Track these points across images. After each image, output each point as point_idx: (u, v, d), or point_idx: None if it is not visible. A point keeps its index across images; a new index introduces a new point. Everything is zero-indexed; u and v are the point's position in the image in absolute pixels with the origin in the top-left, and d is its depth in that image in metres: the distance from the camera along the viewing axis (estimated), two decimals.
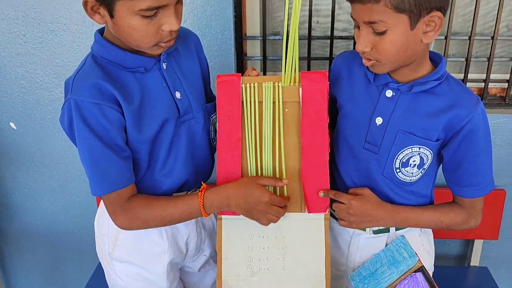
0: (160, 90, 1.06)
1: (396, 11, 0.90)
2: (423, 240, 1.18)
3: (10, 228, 2.00)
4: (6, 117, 1.78)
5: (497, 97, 1.71)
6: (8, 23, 1.64)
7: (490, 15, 1.64)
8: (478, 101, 1.02)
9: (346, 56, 1.16)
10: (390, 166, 1.06)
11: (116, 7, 0.92)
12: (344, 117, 1.12)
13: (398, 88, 1.04)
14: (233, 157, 1.09)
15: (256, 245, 1.12)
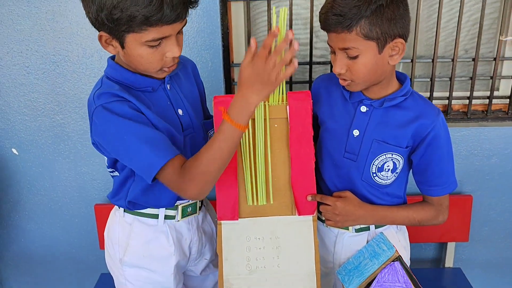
0: (166, 107, 1.20)
1: (366, 39, 1.07)
2: (399, 237, 1.33)
3: (9, 250, 2.08)
4: (9, 143, 1.89)
5: (460, 112, 1.90)
6: (13, 56, 1.77)
7: (450, 40, 1.85)
8: (439, 113, 1.20)
9: (324, 79, 1.34)
10: (367, 171, 1.23)
11: (126, 39, 1.07)
12: (325, 131, 1.29)
13: (371, 104, 1.21)
14: (230, 168, 1.21)
15: (252, 246, 1.24)
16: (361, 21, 1.05)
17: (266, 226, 1.24)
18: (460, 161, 1.86)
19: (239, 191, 1.24)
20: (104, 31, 1.07)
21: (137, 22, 1.02)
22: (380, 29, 1.07)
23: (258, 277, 1.24)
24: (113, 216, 1.35)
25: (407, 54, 1.83)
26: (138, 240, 1.29)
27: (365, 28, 1.06)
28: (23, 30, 1.74)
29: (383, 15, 1.06)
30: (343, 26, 1.06)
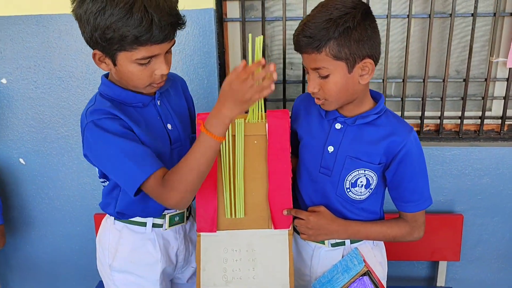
0: (155, 122, 1.27)
1: (335, 59, 1.13)
2: (375, 252, 1.35)
3: (15, 256, 2.17)
4: (16, 153, 1.99)
5: (452, 132, 1.92)
6: (22, 72, 1.88)
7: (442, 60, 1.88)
8: (411, 130, 1.23)
9: (304, 97, 1.39)
10: (341, 186, 1.27)
11: (118, 57, 1.14)
12: (303, 147, 1.34)
13: (345, 121, 1.25)
14: (210, 180, 1.28)
15: (229, 258, 1.29)
16: (329, 42, 1.10)
17: (243, 239, 1.29)
18: (451, 180, 1.87)
19: (218, 204, 1.29)
20: (98, 49, 1.15)
21: (128, 42, 1.09)
22: (348, 49, 1.12)
23: (233, 287, 1.28)
24: (104, 223, 1.42)
25: (398, 74, 1.89)
26: (126, 246, 1.35)
27: (334, 49, 1.11)
28: (32, 48, 1.85)
29: (350, 37, 1.11)
30: (313, 47, 1.12)
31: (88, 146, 1.21)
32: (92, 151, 1.21)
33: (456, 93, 1.93)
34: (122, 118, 1.19)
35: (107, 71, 1.21)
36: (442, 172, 1.87)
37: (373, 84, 1.90)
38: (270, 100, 1.93)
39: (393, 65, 1.91)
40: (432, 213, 1.90)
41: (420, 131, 1.89)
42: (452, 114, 1.92)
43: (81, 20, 1.12)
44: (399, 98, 1.88)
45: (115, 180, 1.24)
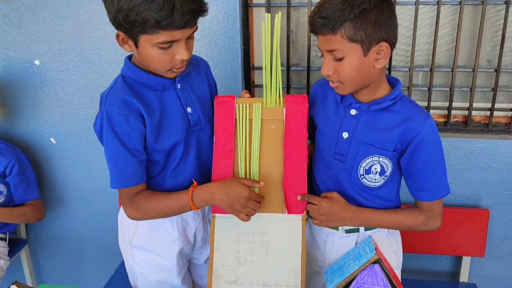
0: (175, 105, 1.30)
1: (350, 41, 1.11)
2: (390, 241, 1.34)
3: (45, 232, 2.27)
4: (48, 133, 2.07)
5: (481, 124, 1.86)
6: (54, 54, 1.94)
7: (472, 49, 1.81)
8: (428, 117, 1.19)
9: (321, 83, 1.37)
10: (355, 173, 1.25)
11: (140, 40, 1.17)
12: (319, 133, 1.33)
13: (360, 107, 1.23)
14: (226, 164, 1.29)
15: (243, 240, 1.31)
16: (345, 23, 1.09)
17: (257, 222, 1.29)
18: (478, 173, 1.82)
19: None
20: (121, 30, 1.18)
21: (150, 25, 1.11)
22: (364, 32, 1.10)
23: (245, 269, 1.30)
24: None
25: (425, 62, 1.84)
26: (145, 225, 1.39)
27: (349, 30, 1.10)
28: (63, 30, 1.90)
29: (366, 19, 1.09)
30: (328, 28, 1.11)
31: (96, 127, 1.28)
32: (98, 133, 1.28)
33: (486, 83, 1.86)
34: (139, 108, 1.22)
35: (130, 52, 1.24)
36: (469, 165, 1.81)
37: (399, 72, 1.86)
38: (294, 87, 1.92)
39: (421, 54, 1.85)
40: (457, 207, 1.86)
41: (447, 122, 1.84)
42: (482, 105, 1.86)
43: (106, 1, 1.15)
44: (426, 88, 1.83)
45: None
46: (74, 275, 2.34)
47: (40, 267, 2.35)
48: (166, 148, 1.29)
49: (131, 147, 1.23)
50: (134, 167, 1.25)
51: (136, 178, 1.27)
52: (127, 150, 1.23)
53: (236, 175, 1.30)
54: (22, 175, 1.95)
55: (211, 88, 1.45)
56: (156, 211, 1.29)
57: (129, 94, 1.23)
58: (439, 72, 1.84)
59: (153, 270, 1.42)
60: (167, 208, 1.28)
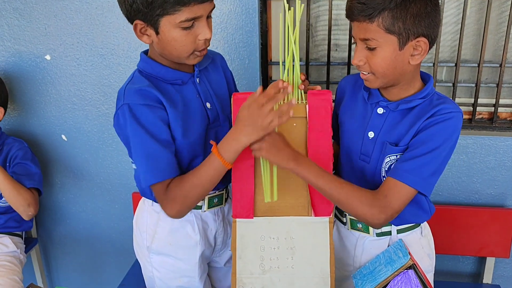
0: (194, 100, 1.24)
1: (387, 31, 1.05)
2: (423, 243, 1.28)
3: (56, 231, 2.22)
4: (59, 129, 2.02)
5: (507, 121, 1.80)
6: (65, 48, 1.89)
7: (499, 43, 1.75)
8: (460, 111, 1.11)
9: (350, 79, 1.31)
10: (379, 173, 1.19)
11: (160, 24, 1.11)
12: (345, 131, 1.27)
13: (387, 106, 1.17)
14: (247, 165, 1.22)
15: (267, 246, 1.24)
16: (383, 12, 1.03)
17: (281, 226, 1.24)
18: (504, 172, 1.76)
19: (255, 189, 1.23)
20: (139, 18, 1.12)
21: (171, 3, 1.07)
22: (403, 24, 1.04)
23: (271, 277, 1.24)
24: (142, 204, 1.41)
25: (450, 57, 1.78)
26: (165, 229, 1.33)
27: (387, 20, 1.04)
28: (75, 24, 1.85)
29: (407, 10, 1.03)
30: (365, 15, 1.04)
31: (118, 126, 1.21)
32: (122, 132, 1.21)
33: None
34: (159, 97, 1.17)
35: (148, 43, 1.19)
36: (494, 164, 1.75)
37: (423, 68, 1.79)
38: (313, 82, 1.86)
39: (446, 48, 1.79)
40: (482, 207, 1.80)
41: (472, 119, 1.78)
42: (508, 101, 1.79)
43: None
44: (450, 84, 1.77)
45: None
46: (85, 275, 2.30)
47: (51, 266, 2.31)
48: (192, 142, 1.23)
49: (161, 138, 1.17)
50: (168, 158, 1.18)
51: (172, 170, 1.18)
52: (157, 141, 1.16)
53: (258, 175, 1.23)
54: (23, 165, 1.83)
55: (229, 82, 1.39)
56: (193, 190, 1.16)
57: (148, 85, 1.18)
58: (464, 68, 1.78)
59: (173, 275, 1.36)
60: (201, 180, 1.15)
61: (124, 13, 1.16)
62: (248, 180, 1.23)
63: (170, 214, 1.20)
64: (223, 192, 1.37)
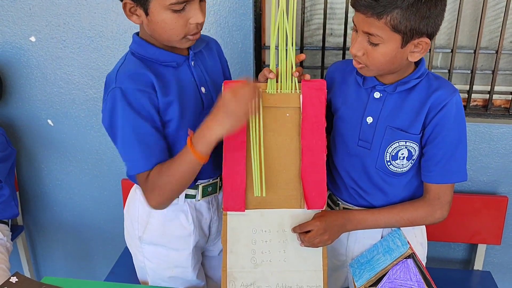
0: (189, 83, 1.20)
1: (393, 30, 1.02)
2: (416, 232, 1.27)
3: (42, 218, 2.17)
4: (45, 114, 1.96)
5: (502, 108, 1.79)
6: (51, 30, 1.82)
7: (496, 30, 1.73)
8: (454, 93, 1.12)
9: (339, 65, 1.29)
10: (381, 159, 1.18)
11: (150, 5, 1.07)
12: (339, 119, 1.24)
13: (384, 90, 1.16)
14: (238, 157, 1.18)
15: (259, 239, 1.21)
16: (394, 11, 1.00)
17: (274, 219, 1.21)
18: (497, 159, 1.76)
19: (247, 181, 1.20)
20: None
21: None
22: (410, 24, 1.01)
23: (263, 271, 1.22)
24: (133, 193, 1.36)
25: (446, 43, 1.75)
26: (158, 219, 1.30)
27: (396, 19, 1.01)
28: (61, 4, 1.77)
29: (418, 11, 1.00)
30: (374, 11, 1.01)
31: (105, 110, 1.14)
32: (107, 117, 1.14)
33: (509, 66, 1.78)
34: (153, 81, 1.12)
35: (138, 23, 1.14)
36: (488, 151, 1.75)
37: None
38: (307, 67, 1.82)
39: (442, 35, 1.77)
40: (474, 194, 1.80)
41: (466, 106, 1.76)
42: (503, 89, 1.79)
43: None
44: (445, 70, 1.75)
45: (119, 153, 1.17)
46: (73, 264, 2.25)
47: (37, 254, 2.26)
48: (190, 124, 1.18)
49: (155, 123, 1.13)
50: (161, 143, 1.14)
51: (163, 154, 1.14)
52: (152, 127, 1.12)
53: (249, 168, 1.19)
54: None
55: (223, 68, 1.36)
56: (169, 184, 1.12)
57: (142, 68, 1.13)
58: (459, 54, 1.76)
59: (166, 266, 1.33)
60: (176, 175, 1.11)
61: None
62: (239, 172, 1.19)
63: (151, 205, 1.17)
64: (217, 180, 1.33)
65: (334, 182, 1.29)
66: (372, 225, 1.21)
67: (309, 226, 1.17)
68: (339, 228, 1.19)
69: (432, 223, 1.20)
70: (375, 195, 1.23)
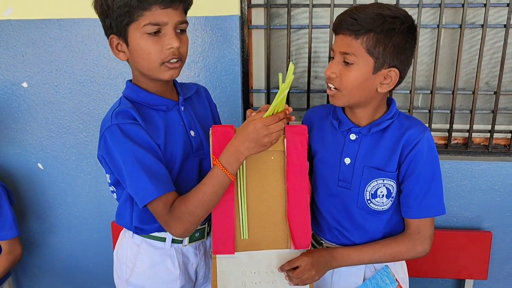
0: (178, 127, 1.24)
1: (367, 52, 1.10)
2: (397, 269, 1.30)
3: (30, 262, 2.15)
4: (35, 158, 1.97)
5: (481, 146, 1.86)
6: (43, 76, 1.86)
7: (472, 71, 1.82)
8: (425, 131, 1.18)
9: (315, 110, 1.36)
10: (362, 198, 1.22)
11: (129, 33, 1.13)
12: (319, 161, 1.30)
13: (360, 131, 1.22)
14: (227, 199, 1.20)
15: (248, 281, 1.23)
16: (370, 33, 1.09)
17: (262, 260, 1.23)
18: (480, 196, 1.81)
19: (235, 224, 1.22)
20: (113, 33, 1.15)
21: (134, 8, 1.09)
22: (383, 50, 1.10)
23: None
24: (122, 236, 1.38)
25: (426, 85, 1.83)
26: (145, 262, 1.31)
27: (371, 42, 1.09)
28: (54, 52, 1.83)
29: (391, 38, 1.09)
30: (353, 29, 1.10)
31: (106, 149, 1.17)
32: (109, 155, 1.17)
33: (486, 106, 1.87)
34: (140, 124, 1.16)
35: (124, 60, 1.20)
36: (470, 187, 1.81)
37: (400, 95, 1.85)
38: (294, 109, 1.88)
39: (421, 76, 1.85)
40: (460, 230, 1.84)
41: (448, 144, 1.83)
42: (482, 127, 1.86)
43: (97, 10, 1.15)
44: (426, 110, 1.83)
45: (127, 189, 1.19)
46: None
47: None
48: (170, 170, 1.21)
49: (156, 153, 1.16)
50: (166, 172, 1.16)
51: (171, 183, 1.17)
52: (154, 156, 1.15)
53: (237, 210, 1.22)
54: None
55: (213, 114, 1.42)
56: (200, 206, 1.14)
57: (136, 113, 1.17)
58: (439, 95, 1.83)
59: None
60: (207, 194, 1.14)
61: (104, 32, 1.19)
62: (228, 215, 1.22)
63: (176, 233, 1.16)
64: (205, 226, 1.35)
65: (317, 222, 1.32)
66: (357, 261, 1.24)
67: (297, 262, 1.20)
68: (325, 264, 1.22)
69: (414, 258, 1.22)
70: (356, 233, 1.27)
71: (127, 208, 1.28)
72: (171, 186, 1.16)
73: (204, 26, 1.72)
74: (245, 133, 1.12)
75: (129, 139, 1.13)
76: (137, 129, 1.15)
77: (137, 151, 1.13)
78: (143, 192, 1.13)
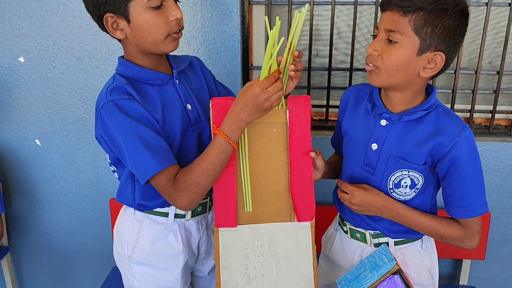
0: (175, 101, 1.23)
1: (414, 31, 1.05)
2: (423, 257, 1.27)
3: (28, 238, 2.15)
4: (33, 134, 1.96)
5: (482, 126, 1.85)
6: (40, 50, 1.83)
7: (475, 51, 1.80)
8: (463, 130, 1.11)
9: (354, 90, 1.31)
10: (384, 186, 1.19)
11: (130, 9, 1.10)
12: (348, 142, 1.27)
13: (390, 118, 1.17)
14: (228, 173, 1.20)
15: (251, 254, 1.22)
16: (419, 11, 1.04)
17: (265, 233, 1.23)
18: None
19: (237, 197, 1.22)
20: (108, 11, 1.12)
21: None
22: (432, 30, 1.04)
23: (256, 285, 1.23)
24: (123, 212, 1.37)
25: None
26: (147, 238, 1.30)
27: (420, 20, 1.04)
28: (51, 26, 1.80)
29: (441, 19, 1.04)
30: (402, 6, 1.04)
31: (103, 127, 1.15)
32: (107, 132, 1.15)
33: (488, 86, 1.85)
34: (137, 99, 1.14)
35: (122, 38, 1.17)
36: None
37: None
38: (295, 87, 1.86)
39: None
40: None
41: None
42: (483, 107, 1.85)
43: None
44: None
45: (128, 166, 1.17)
46: (60, 285, 2.23)
47: (23, 275, 2.23)
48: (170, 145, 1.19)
49: (154, 128, 1.14)
50: (166, 146, 1.15)
51: (172, 156, 1.15)
52: (153, 130, 1.13)
53: (239, 184, 1.22)
54: None
55: (209, 83, 1.38)
56: (204, 176, 1.12)
57: (130, 88, 1.16)
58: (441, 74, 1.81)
59: (155, 286, 1.33)
60: (211, 163, 1.12)
61: (93, 12, 1.16)
62: (230, 189, 1.21)
63: (182, 205, 1.14)
64: (207, 200, 1.35)
65: (341, 205, 1.30)
66: (408, 224, 1.21)
67: (347, 189, 1.20)
68: (372, 209, 1.19)
69: (461, 248, 1.22)
70: (379, 221, 1.24)
71: (128, 186, 1.27)
72: (173, 159, 1.14)
73: (204, 1, 1.70)
74: (245, 100, 1.10)
75: (126, 115, 1.12)
76: (134, 104, 1.13)
77: (135, 126, 1.11)
78: (145, 167, 1.11)
